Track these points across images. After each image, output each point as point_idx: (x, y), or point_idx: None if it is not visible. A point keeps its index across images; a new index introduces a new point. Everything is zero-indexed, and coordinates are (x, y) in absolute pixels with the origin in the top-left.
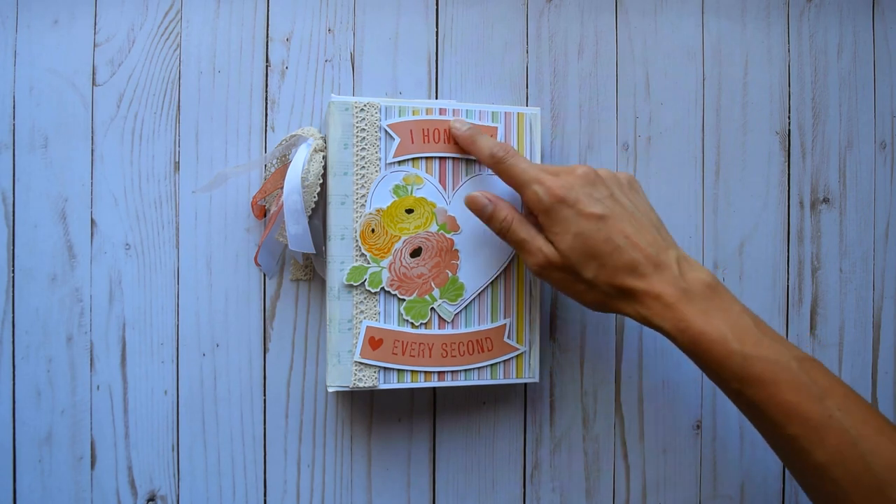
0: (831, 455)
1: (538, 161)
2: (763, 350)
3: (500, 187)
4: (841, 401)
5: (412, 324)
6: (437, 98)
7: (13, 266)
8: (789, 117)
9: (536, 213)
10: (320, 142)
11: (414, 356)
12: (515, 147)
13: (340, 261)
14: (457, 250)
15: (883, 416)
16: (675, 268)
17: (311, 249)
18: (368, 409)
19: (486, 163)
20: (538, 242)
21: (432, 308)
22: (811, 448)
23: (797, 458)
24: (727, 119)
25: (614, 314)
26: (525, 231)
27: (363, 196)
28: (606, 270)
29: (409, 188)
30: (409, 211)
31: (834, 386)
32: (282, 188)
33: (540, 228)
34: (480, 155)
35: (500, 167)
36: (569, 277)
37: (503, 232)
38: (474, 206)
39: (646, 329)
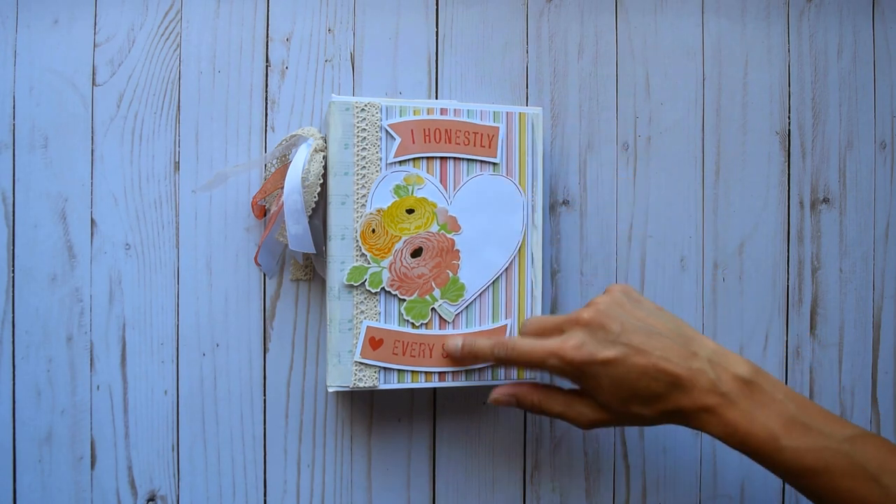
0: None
1: (539, 162)
2: (812, 439)
3: (504, 191)
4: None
5: (413, 324)
6: (437, 98)
7: (13, 266)
8: (789, 117)
9: (567, 379)
10: (320, 142)
11: (414, 356)
12: (517, 147)
13: (341, 261)
14: (457, 250)
15: None
16: (711, 372)
17: (311, 249)
18: (368, 409)
19: (495, 363)
20: (577, 408)
21: (433, 308)
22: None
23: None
24: (727, 119)
25: None
26: (558, 404)
27: (364, 196)
28: (650, 403)
29: (410, 188)
30: (410, 211)
31: (889, 459)
32: (282, 188)
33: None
34: (486, 360)
35: (509, 363)
36: (620, 419)
37: (539, 413)
38: (502, 404)
39: None
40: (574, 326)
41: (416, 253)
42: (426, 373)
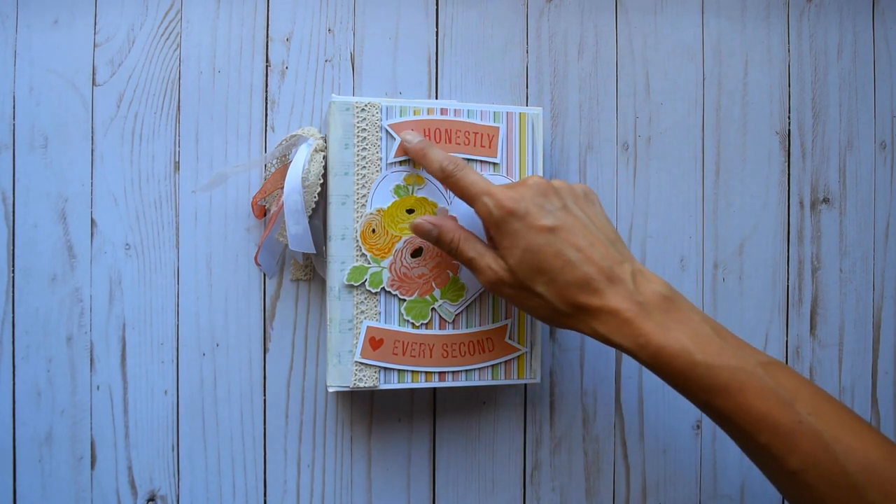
0: (804, 461)
1: (539, 162)
2: (726, 358)
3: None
4: (810, 404)
5: (413, 324)
6: (437, 98)
7: (13, 266)
8: (789, 117)
9: (487, 227)
10: (321, 142)
11: (414, 356)
12: (517, 147)
13: (341, 261)
14: None
15: (855, 416)
16: (630, 281)
17: (311, 249)
18: (368, 409)
19: (436, 176)
20: (487, 259)
21: (433, 308)
22: (784, 455)
23: (771, 465)
24: (727, 119)
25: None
26: (473, 249)
27: (364, 196)
28: (557, 286)
29: (410, 188)
30: (410, 211)
31: (802, 389)
32: (282, 188)
33: (492, 243)
34: (430, 168)
35: (449, 181)
36: (521, 293)
37: (452, 252)
38: (419, 232)
39: None
40: (521, 187)
41: (417, 253)
42: (426, 373)
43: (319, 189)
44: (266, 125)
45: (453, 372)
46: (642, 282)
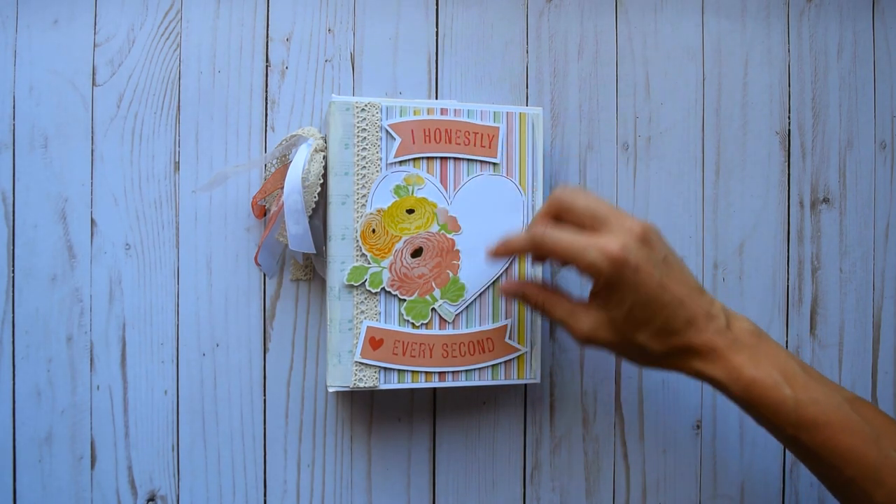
0: (890, 494)
1: (539, 162)
2: (814, 393)
3: (504, 191)
4: (895, 439)
5: (413, 324)
6: (437, 98)
7: (13, 266)
8: (789, 117)
9: (594, 280)
10: (321, 142)
11: (414, 356)
12: (517, 147)
13: (341, 261)
14: (458, 250)
15: None
16: (723, 319)
17: (311, 249)
18: (368, 409)
19: (531, 251)
20: (579, 317)
21: (433, 308)
22: (871, 489)
23: (857, 500)
24: (727, 119)
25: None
26: (562, 308)
27: (364, 196)
28: (660, 336)
29: (410, 188)
30: (410, 211)
31: (888, 425)
32: (282, 188)
33: (592, 296)
34: (521, 250)
35: (545, 248)
36: (620, 344)
37: (542, 312)
38: (509, 296)
39: None
40: (620, 230)
41: (417, 253)
42: (426, 373)
43: (319, 189)
44: (266, 125)
45: (453, 372)
46: (733, 320)
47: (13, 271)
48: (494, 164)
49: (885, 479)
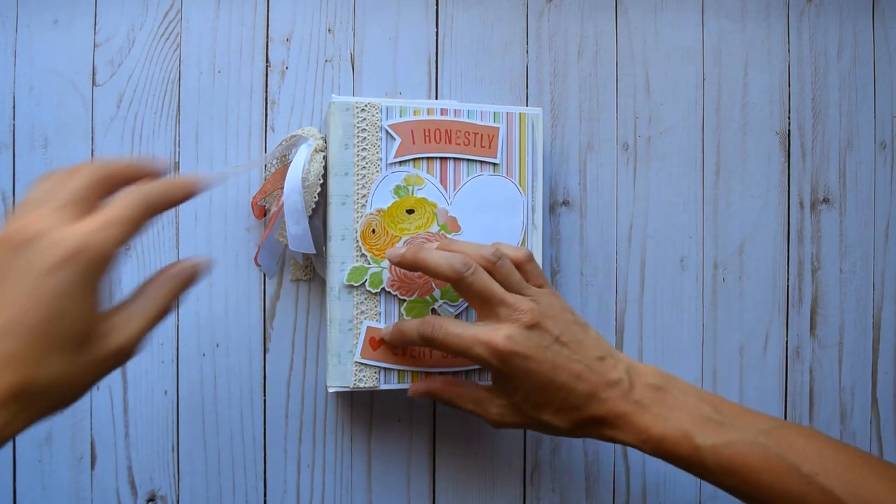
0: None
1: (539, 162)
2: (726, 435)
3: (504, 191)
4: (817, 462)
5: None
6: (437, 98)
7: None
8: (789, 117)
9: (487, 367)
10: (321, 142)
11: (414, 356)
12: (517, 147)
13: (341, 261)
14: None
15: (867, 460)
16: (626, 381)
17: (311, 250)
18: (368, 410)
19: (421, 343)
20: (487, 407)
21: (433, 309)
22: None
23: None
24: (727, 119)
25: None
26: (469, 401)
27: (364, 196)
28: (564, 412)
29: (410, 188)
30: (410, 211)
31: (807, 448)
32: (282, 188)
33: (493, 382)
34: (412, 340)
35: (435, 342)
36: (529, 423)
37: (452, 406)
38: (419, 396)
39: (645, 328)
40: (509, 317)
41: None
42: (426, 373)
43: (319, 189)
44: (266, 125)
45: (453, 372)
46: (636, 377)
47: None
48: (494, 164)
49: None
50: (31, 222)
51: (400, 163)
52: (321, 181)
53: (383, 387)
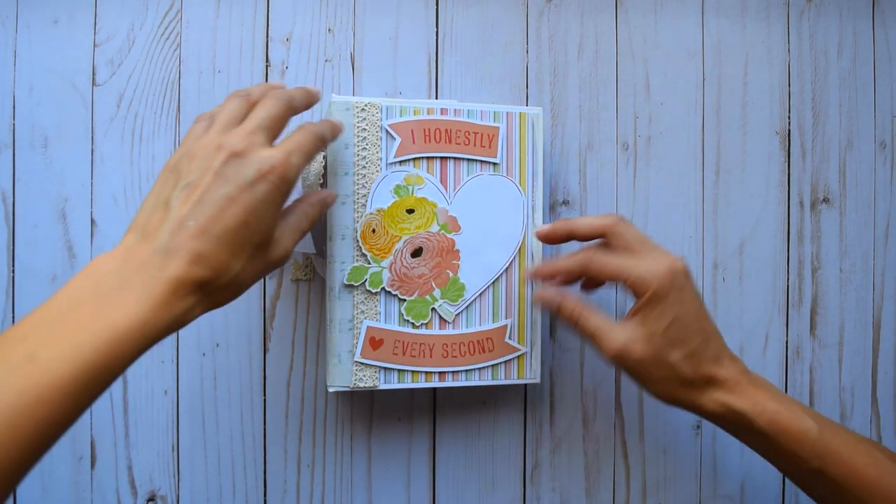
0: None
1: (539, 162)
2: (835, 427)
3: (504, 191)
4: None
5: (413, 324)
6: (437, 98)
7: (13, 266)
8: (789, 117)
9: (640, 295)
10: None
11: (415, 356)
12: (517, 147)
13: (341, 261)
14: (458, 250)
15: None
16: (743, 365)
17: (311, 249)
18: (368, 409)
19: (579, 272)
20: (613, 332)
21: (433, 308)
22: None
23: None
24: (727, 119)
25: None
26: (596, 320)
27: (364, 196)
28: (695, 357)
29: (410, 188)
30: (410, 211)
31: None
32: None
33: (632, 314)
34: (569, 271)
35: (591, 269)
36: (650, 364)
37: (572, 324)
38: (545, 304)
39: None
40: (666, 257)
41: (417, 253)
42: (426, 373)
43: (320, 189)
44: None
45: (453, 372)
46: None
47: (13, 271)
48: (494, 164)
49: None
50: (233, 140)
51: (400, 162)
52: (321, 181)
53: (383, 387)
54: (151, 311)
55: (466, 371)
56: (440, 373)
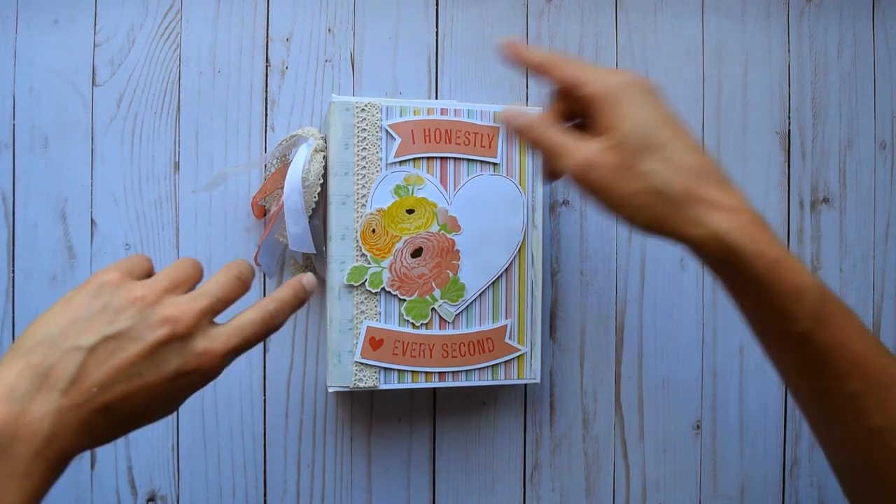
0: (890, 418)
1: (539, 162)
2: (831, 293)
3: (504, 191)
4: None
5: (413, 324)
6: (437, 98)
7: (13, 266)
8: (789, 117)
9: (602, 102)
10: (321, 142)
11: (414, 356)
12: (517, 149)
13: (341, 261)
14: (458, 250)
15: None
16: (742, 193)
17: (311, 249)
18: (368, 409)
19: (537, 66)
20: (579, 145)
21: (433, 308)
22: (871, 408)
23: (851, 419)
24: (727, 119)
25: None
26: (559, 135)
27: (364, 196)
28: (674, 164)
29: (410, 188)
30: (410, 211)
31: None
32: (282, 188)
33: (593, 121)
34: (531, 62)
35: (550, 72)
36: (620, 174)
37: (535, 138)
38: (504, 119)
39: (645, 328)
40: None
41: (417, 253)
42: (426, 373)
43: (319, 189)
44: (266, 125)
45: (453, 372)
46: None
47: (13, 271)
48: (494, 164)
49: (889, 399)
50: (181, 317)
51: (400, 162)
52: (321, 181)
53: (383, 387)
54: (31, 496)
55: (466, 371)
56: (440, 373)
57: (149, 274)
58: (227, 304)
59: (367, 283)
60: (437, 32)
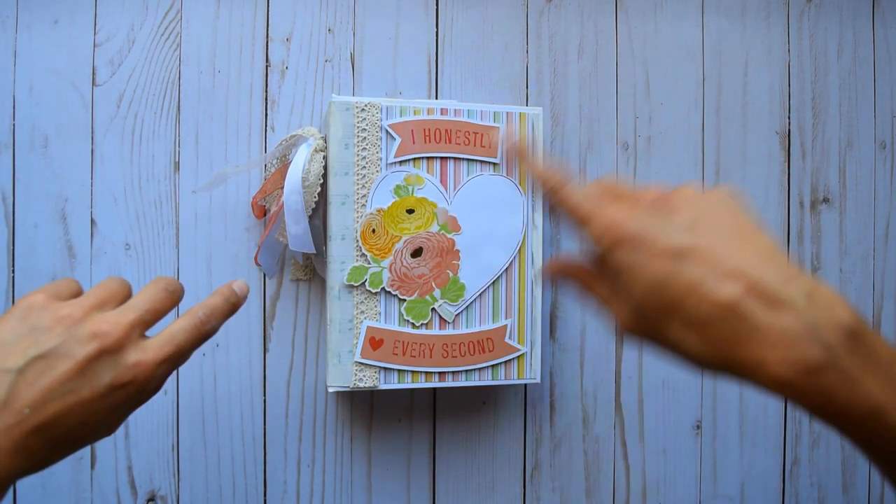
0: None
1: (539, 161)
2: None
3: (504, 190)
4: None
5: (413, 324)
6: (437, 98)
7: (13, 266)
8: (789, 117)
9: (601, 248)
10: (321, 142)
11: (414, 356)
12: (516, 149)
13: (341, 261)
14: (458, 250)
15: None
16: (809, 310)
17: (311, 249)
18: (368, 409)
19: (546, 191)
20: (613, 304)
21: (433, 308)
22: None
23: None
24: (727, 119)
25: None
26: (600, 289)
27: (364, 196)
28: (695, 329)
29: (410, 188)
30: (410, 211)
31: None
32: (282, 188)
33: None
34: (539, 174)
35: (557, 197)
36: (657, 339)
37: (586, 288)
38: (554, 274)
39: None
40: (635, 202)
41: (417, 253)
42: (426, 373)
43: (319, 189)
44: (266, 125)
45: (453, 372)
46: (822, 306)
47: (13, 271)
48: (494, 164)
49: None
50: (110, 331)
51: (400, 162)
52: (321, 181)
53: (383, 386)
54: None
55: (466, 371)
56: (440, 373)
57: (76, 295)
58: (157, 316)
59: (367, 283)
60: (437, 32)
